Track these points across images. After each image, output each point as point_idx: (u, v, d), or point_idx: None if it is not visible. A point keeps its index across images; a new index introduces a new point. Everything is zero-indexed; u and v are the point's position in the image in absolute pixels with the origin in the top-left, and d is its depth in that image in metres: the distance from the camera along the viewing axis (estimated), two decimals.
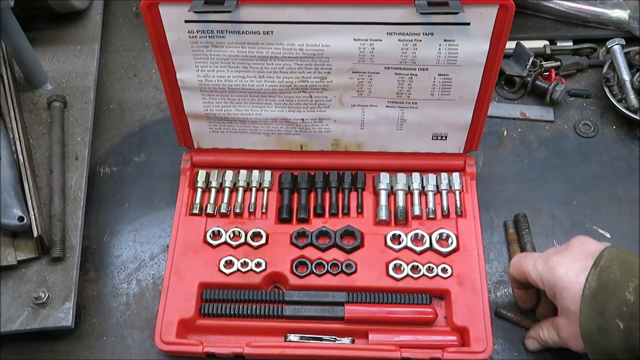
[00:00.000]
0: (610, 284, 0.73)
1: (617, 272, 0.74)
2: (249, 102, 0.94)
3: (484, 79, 0.89)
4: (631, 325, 0.71)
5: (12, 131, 1.01)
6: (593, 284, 0.74)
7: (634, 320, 0.71)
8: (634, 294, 0.72)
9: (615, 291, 0.73)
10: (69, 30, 1.21)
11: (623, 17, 1.19)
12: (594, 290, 0.74)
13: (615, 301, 0.72)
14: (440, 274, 0.92)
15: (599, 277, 0.74)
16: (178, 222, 0.98)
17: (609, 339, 0.73)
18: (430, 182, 1.01)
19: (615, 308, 0.72)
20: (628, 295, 0.72)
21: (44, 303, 0.89)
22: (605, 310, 0.73)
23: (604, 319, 0.73)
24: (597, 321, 0.73)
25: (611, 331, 0.72)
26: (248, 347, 0.87)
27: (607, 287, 0.73)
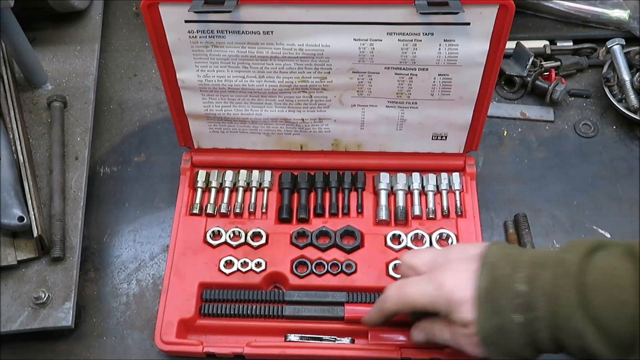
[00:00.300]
0: (501, 279, 0.70)
1: (505, 266, 0.71)
2: (249, 102, 0.94)
3: (484, 79, 0.89)
4: (529, 316, 0.68)
5: (12, 131, 1.01)
6: (484, 283, 0.71)
7: (530, 311, 0.68)
8: (525, 284, 0.69)
9: (506, 285, 0.70)
10: (69, 30, 1.21)
11: (623, 17, 1.19)
12: (486, 289, 0.71)
13: (508, 295, 0.69)
14: None
15: (489, 275, 0.71)
16: (178, 222, 0.98)
17: (509, 337, 0.70)
18: (430, 182, 1.01)
19: (509, 302, 0.69)
20: (519, 287, 0.69)
21: (44, 303, 0.89)
22: (501, 308, 0.69)
23: (500, 317, 0.69)
24: (494, 321, 0.70)
25: (510, 328, 0.69)
26: (248, 347, 0.87)
27: (497, 284, 0.70)
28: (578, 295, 0.66)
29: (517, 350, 0.70)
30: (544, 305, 0.67)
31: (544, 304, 0.67)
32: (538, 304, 0.68)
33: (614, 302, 0.65)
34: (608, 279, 0.66)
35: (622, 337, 0.65)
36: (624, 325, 0.64)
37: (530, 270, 0.70)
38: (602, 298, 0.65)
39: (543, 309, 0.67)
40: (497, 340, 0.71)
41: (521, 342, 0.70)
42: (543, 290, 0.68)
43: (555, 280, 0.68)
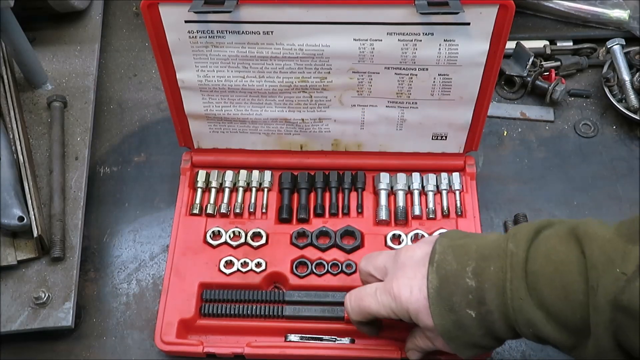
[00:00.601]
0: (450, 275, 0.71)
1: (453, 261, 0.72)
2: (249, 102, 0.94)
3: (484, 79, 0.89)
4: (481, 310, 0.69)
5: (12, 131, 1.01)
6: (434, 282, 0.71)
7: (482, 304, 0.69)
8: (474, 278, 0.69)
9: (456, 281, 0.70)
10: (69, 30, 1.21)
11: (623, 17, 1.19)
12: (437, 288, 0.71)
13: (459, 292, 0.70)
14: None
15: (438, 273, 0.72)
16: (178, 222, 0.98)
17: (468, 331, 0.71)
18: (430, 182, 1.01)
19: (461, 299, 0.70)
20: (469, 282, 0.69)
21: (44, 303, 0.89)
22: (454, 304, 0.70)
23: (455, 313, 0.70)
24: (450, 317, 0.71)
25: (467, 322, 0.70)
26: (248, 347, 0.87)
27: (447, 280, 0.71)
28: (525, 285, 0.66)
29: (479, 341, 0.72)
30: (494, 298, 0.68)
31: (494, 297, 0.68)
32: (488, 298, 0.68)
33: (560, 288, 0.65)
34: (553, 265, 0.66)
35: (573, 322, 0.65)
36: (573, 310, 0.64)
37: (477, 263, 0.70)
38: (548, 285, 0.65)
39: (493, 302, 0.68)
40: (457, 335, 0.72)
41: (480, 334, 0.71)
42: (491, 283, 0.68)
43: (502, 272, 0.68)
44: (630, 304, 0.59)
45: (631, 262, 0.60)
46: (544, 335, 0.67)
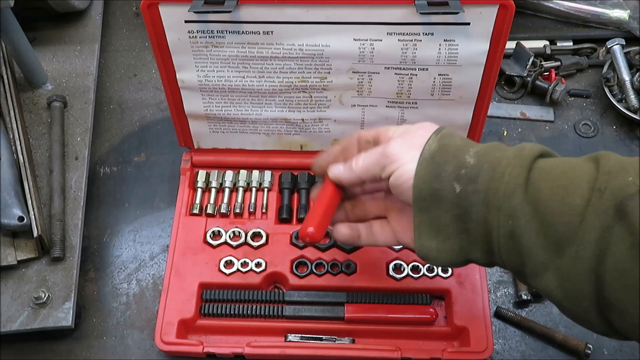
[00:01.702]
0: (451, 147, 0.68)
1: (459, 140, 0.69)
2: (249, 102, 0.94)
3: (484, 79, 0.89)
4: (468, 188, 0.65)
5: (12, 131, 1.01)
6: (433, 146, 0.68)
7: (472, 182, 0.64)
8: (475, 157, 0.66)
9: (455, 154, 0.67)
10: (69, 30, 1.21)
11: (623, 17, 1.19)
12: (434, 152, 0.68)
13: (455, 163, 0.66)
14: (440, 274, 0.93)
15: (440, 141, 0.69)
16: (178, 222, 0.98)
17: (442, 205, 0.66)
18: None
19: (453, 170, 0.66)
20: (468, 159, 0.66)
21: (44, 303, 0.89)
22: (443, 172, 0.66)
23: (439, 182, 0.66)
24: (432, 184, 0.66)
25: (446, 195, 0.66)
26: (248, 347, 0.87)
27: (447, 150, 0.67)
28: (526, 175, 0.62)
29: (445, 226, 0.67)
30: (486, 179, 0.64)
31: (487, 177, 0.64)
32: (481, 177, 0.64)
33: (561, 188, 0.61)
34: (562, 168, 0.62)
35: (559, 227, 0.60)
36: (566, 214, 0.59)
37: (484, 148, 0.67)
38: (550, 183, 0.61)
39: (484, 182, 0.64)
40: (428, 206, 0.67)
41: (453, 213, 0.66)
42: (491, 164, 0.65)
43: (506, 159, 0.64)
44: (632, 213, 0.55)
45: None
46: (520, 236, 0.61)
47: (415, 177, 0.67)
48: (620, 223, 0.56)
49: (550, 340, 0.92)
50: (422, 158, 0.68)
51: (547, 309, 0.94)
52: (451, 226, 0.67)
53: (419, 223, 0.69)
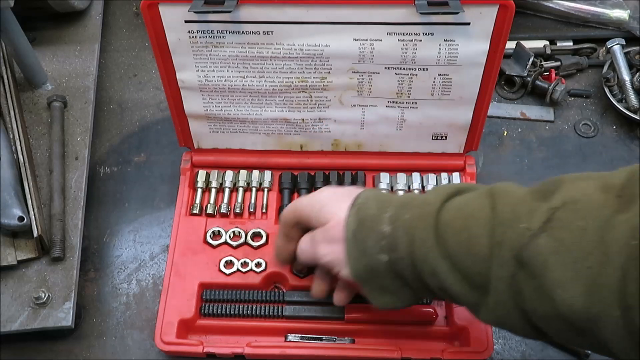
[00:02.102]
0: (368, 220, 0.71)
1: (374, 206, 0.72)
2: (249, 102, 0.94)
3: (484, 79, 0.89)
4: (392, 256, 0.69)
5: (12, 131, 1.01)
6: (352, 225, 0.72)
7: (394, 251, 0.68)
8: (390, 225, 0.69)
9: (372, 226, 0.70)
10: (69, 30, 1.21)
11: (623, 17, 1.19)
12: (354, 231, 0.71)
13: (374, 236, 0.70)
14: None
15: (357, 216, 0.72)
16: (178, 222, 0.98)
17: (379, 275, 0.71)
18: (431, 182, 1.01)
19: (375, 243, 0.70)
20: (385, 227, 0.69)
21: (44, 303, 0.89)
22: (367, 248, 0.70)
23: (368, 257, 0.70)
24: (363, 262, 0.71)
25: (378, 267, 0.70)
26: (248, 347, 0.87)
27: (364, 224, 0.71)
28: (434, 234, 0.66)
29: (390, 287, 0.72)
30: (405, 246, 0.68)
31: (405, 244, 0.68)
32: (399, 245, 0.68)
33: (466, 240, 0.64)
34: (463, 217, 0.66)
35: (475, 276, 0.64)
36: (475, 264, 0.63)
37: (396, 210, 0.70)
38: (456, 236, 0.65)
39: (404, 249, 0.68)
40: (369, 278, 0.72)
41: (390, 280, 0.71)
42: (404, 230, 0.68)
43: (415, 220, 0.68)
44: (531, 260, 0.59)
45: (537, 219, 0.60)
46: (448, 286, 0.66)
47: (349, 260, 0.72)
48: (522, 270, 0.60)
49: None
50: (347, 240, 0.72)
51: None
52: (395, 285, 0.72)
53: (367, 291, 0.74)
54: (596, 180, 0.61)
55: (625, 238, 0.54)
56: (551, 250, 0.58)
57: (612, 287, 0.54)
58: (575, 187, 0.61)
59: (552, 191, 0.62)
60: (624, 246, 0.54)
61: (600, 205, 0.58)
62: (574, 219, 0.58)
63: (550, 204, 0.60)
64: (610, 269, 0.54)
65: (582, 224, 0.57)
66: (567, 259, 0.57)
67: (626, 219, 0.55)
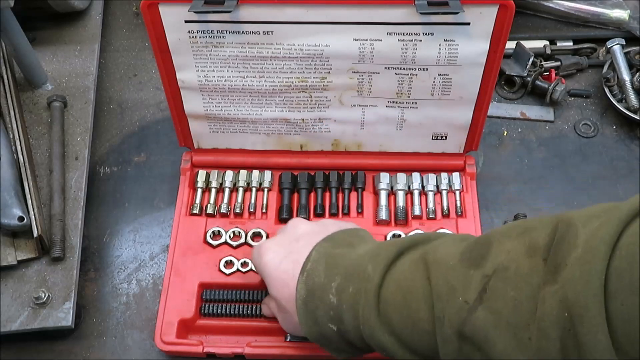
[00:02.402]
0: (316, 288, 0.71)
1: (322, 273, 0.72)
2: (249, 102, 0.94)
3: (484, 79, 0.89)
4: (341, 328, 0.70)
5: (12, 131, 1.01)
6: (302, 292, 0.73)
7: (341, 323, 0.70)
8: (336, 295, 0.70)
9: (321, 296, 0.71)
10: (69, 30, 1.21)
11: (623, 17, 1.19)
12: (304, 299, 0.73)
13: (323, 307, 0.71)
14: None
15: (306, 284, 0.73)
16: (178, 222, 0.98)
17: (332, 341, 0.73)
18: (430, 182, 1.01)
19: (324, 313, 0.71)
20: (332, 298, 0.70)
21: (44, 303, 0.89)
22: (318, 317, 0.72)
23: (319, 326, 0.72)
24: (315, 328, 0.73)
25: (329, 335, 0.72)
26: (248, 347, 0.87)
27: (314, 294, 0.72)
28: (376, 312, 0.66)
29: (346, 349, 0.74)
30: (350, 320, 0.69)
31: (350, 318, 0.69)
32: (345, 318, 0.69)
33: (407, 317, 0.65)
34: (402, 293, 0.65)
35: (423, 350, 0.65)
36: (421, 339, 0.64)
37: (341, 280, 0.70)
38: (397, 313, 0.65)
39: (349, 323, 0.69)
40: (325, 344, 0.75)
41: (344, 345, 0.73)
42: (348, 304, 0.69)
43: (357, 295, 0.68)
44: (473, 334, 0.59)
45: (473, 289, 0.60)
46: (399, 358, 0.67)
47: (302, 327, 0.74)
48: (466, 344, 0.60)
49: None
50: (298, 309, 0.73)
51: None
52: (350, 348, 0.73)
53: (329, 351, 0.76)
54: (521, 239, 0.60)
55: (556, 311, 0.53)
56: (491, 323, 0.58)
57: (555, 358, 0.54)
58: (503, 250, 0.60)
59: (482, 255, 0.61)
60: (557, 320, 0.53)
61: (528, 273, 0.57)
62: (506, 288, 0.58)
63: (482, 271, 0.60)
64: (549, 342, 0.53)
65: (514, 294, 0.57)
66: (508, 331, 0.56)
67: (554, 291, 0.53)
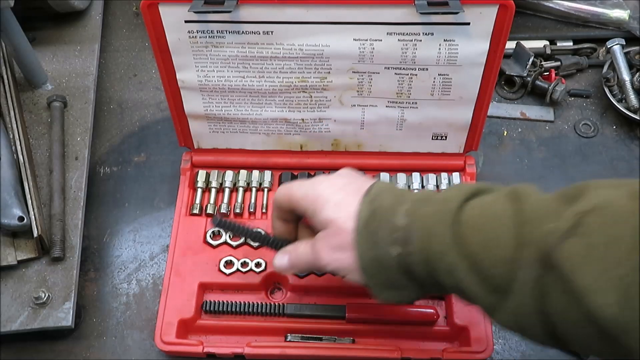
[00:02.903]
0: (382, 209, 0.68)
1: (389, 198, 0.69)
2: (249, 102, 0.94)
3: (484, 79, 0.89)
4: (404, 251, 0.66)
5: (12, 131, 1.01)
6: (365, 212, 0.69)
7: (406, 245, 0.65)
8: (405, 217, 0.66)
9: (386, 217, 0.67)
10: (69, 30, 1.21)
11: (623, 17, 1.19)
12: (366, 219, 0.68)
13: (387, 227, 0.67)
14: None
15: (371, 204, 0.69)
16: (178, 222, 0.98)
17: (387, 269, 0.68)
18: (431, 182, 1.01)
19: (387, 235, 0.67)
20: (399, 220, 0.66)
21: (44, 303, 0.89)
22: (378, 239, 0.67)
23: (378, 249, 0.67)
24: (371, 253, 0.68)
25: (387, 260, 0.67)
26: (248, 347, 0.87)
27: (378, 214, 0.68)
28: (452, 232, 0.63)
29: (397, 282, 0.69)
30: (420, 240, 0.65)
31: (420, 238, 0.65)
32: (414, 238, 0.65)
33: (488, 240, 0.62)
34: (485, 217, 0.63)
35: (495, 277, 0.61)
36: (497, 265, 0.61)
37: (413, 204, 0.68)
38: (477, 236, 0.62)
39: (419, 244, 0.65)
40: (376, 272, 0.69)
41: (399, 275, 0.68)
42: (420, 224, 0.65)
43: (433, 215, 0.65)
44: (560, 264, 0.57)
45: (565, 221, 0.58)
46: (464, 287, 0.63)
47: (357, 248, 0.69)
48: (549, 273, 0.58)
49: None
50: (357, 230, 0.69)
51: None
52: (402, 280, 0.68)
53: (372, 285, 0.71)
54: (622, 187, 0.59)
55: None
56: (582, 255, 0.56)
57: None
58: (602, 193, 0.59)
59: (576, 196, 0.60)
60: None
61: (631, 212, 0.56)
62: (604, 225, 0.56)
63: (577, 208, 0.58)
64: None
65: (612, 231, 0.56)
66: (599, 266, 0.55)
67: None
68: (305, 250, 0.77)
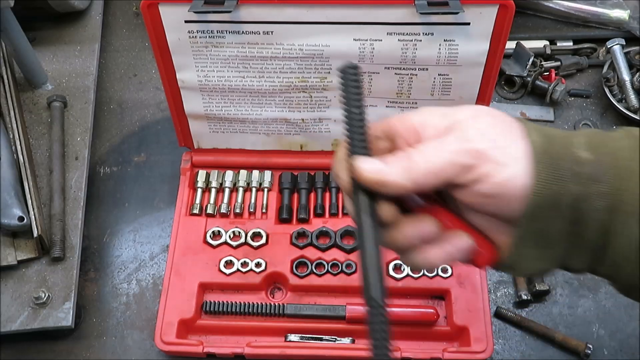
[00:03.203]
0: (558, 138, 0.53)
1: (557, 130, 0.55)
2: (249, 102, 0.94)
3: (484, 79, 0.89)
4: (589, 190, 0.51)
5: (12, 131, 1.01)
6: (538, 139, 0.52)
7: (594, 183, 0.51)
8: (589, 151, 0.52)
9: (566, 146, 0.52)
10: (69, 30, 1.21)
11: (623, 17, 1.19)
12: (543, 145, 0.52)
13: (569, 159, 0.52)
14: (440, 274, 0.93)
15: (542, 131, 0.53)
16: (178, 222, 0.98)
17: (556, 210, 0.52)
18: None
19: (569, 168, 0.51)
20: (582, 153, 0.52)
21: (44, 303, 0.89)
22: (561, 171, 0.51)
23: (560, 183, 0.51)
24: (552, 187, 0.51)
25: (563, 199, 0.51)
26: (248, 347, 0.87)
27: (555, 142, 0.53)
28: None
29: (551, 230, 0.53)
30: (613, 178, 0.51)
31: (613, 176, 0.51)
32: (606, 176, 0.51)
33: None
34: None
35: None
36: None
37: (589, 138, 0.54)
38: None
39: (611, 182, 0.51)
40: (541, 214, 0.52)
41: (562, 224, 0.52)
42: (614, 158, 0.52)
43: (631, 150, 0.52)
44: None
45: None
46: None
47: (536, 179, 0.51)
48: None
49: (550, 341, 0.92)
50: (536, 154, 0.51)
51: (547, 309, 0.94)
52: (560, 233, 0.53)
53: (523, 233, 0.53)
54: None
55: None
56: None
57: None
58: None
59: None
60: None
61: None
62: None
63: None
64: None
65: None
66: None
67: None
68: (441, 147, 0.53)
